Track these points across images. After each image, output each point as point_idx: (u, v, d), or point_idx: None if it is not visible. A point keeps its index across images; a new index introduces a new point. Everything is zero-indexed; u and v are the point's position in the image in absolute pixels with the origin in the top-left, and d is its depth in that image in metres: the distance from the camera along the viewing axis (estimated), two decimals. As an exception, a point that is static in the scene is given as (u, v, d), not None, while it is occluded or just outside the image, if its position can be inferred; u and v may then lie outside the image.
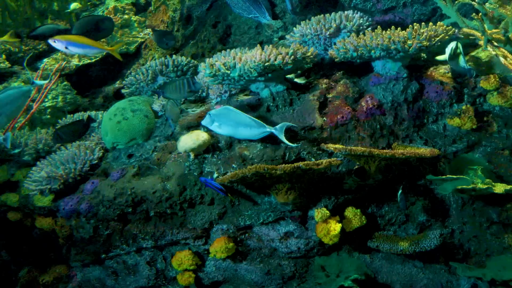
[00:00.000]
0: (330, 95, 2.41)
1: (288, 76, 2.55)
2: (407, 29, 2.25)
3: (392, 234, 2.27)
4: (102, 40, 2.85)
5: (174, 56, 2.95)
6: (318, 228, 2.16)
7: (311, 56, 2.38)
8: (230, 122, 2.20)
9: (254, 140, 2.26)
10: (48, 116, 3.44)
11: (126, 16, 3.98)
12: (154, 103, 2.66)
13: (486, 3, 2.40)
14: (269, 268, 2.33)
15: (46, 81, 3.23)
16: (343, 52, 2.33)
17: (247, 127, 2.19)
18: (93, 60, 3.79)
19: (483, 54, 2.47)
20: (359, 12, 2.62)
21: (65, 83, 3.58)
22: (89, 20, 2.50)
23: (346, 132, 2.31)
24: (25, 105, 2.49)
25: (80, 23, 2.45)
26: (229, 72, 2.28)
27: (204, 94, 2.65)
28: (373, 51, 2.25)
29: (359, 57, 2.32)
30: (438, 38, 2.23)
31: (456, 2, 2.40)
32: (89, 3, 4.41)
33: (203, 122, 2.26)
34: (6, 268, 2.72)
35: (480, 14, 2.29)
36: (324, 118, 2.32)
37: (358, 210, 2.22)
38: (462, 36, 2.49)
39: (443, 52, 2.31)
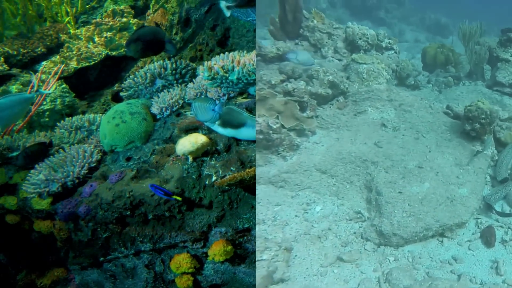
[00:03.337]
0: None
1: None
2: None
3: None
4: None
5: (172, 59, 2.95)
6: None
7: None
8: (233, 122, 2.16)
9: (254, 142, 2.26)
10: (47, 119, 3.44)
11: (124, 19, 3.98)
12: (153, 106, 2.66)
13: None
14: (267, 271, 2.33)
15: (51, 91, 3.24)
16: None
17: (250, 127, 2.16)
18: (92, 63, 3.79)
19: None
20: None
21: (64, 86, 3.59)
22: None
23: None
24: (25, 111, 2.48)
25: None
26: (227, 75, 2.29)
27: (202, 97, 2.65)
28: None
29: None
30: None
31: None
32: (87, 6, 4.42)
33: (207, 123, 2.24)
34: (4, 271, 2.71)
35: None
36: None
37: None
38: None
39: None
